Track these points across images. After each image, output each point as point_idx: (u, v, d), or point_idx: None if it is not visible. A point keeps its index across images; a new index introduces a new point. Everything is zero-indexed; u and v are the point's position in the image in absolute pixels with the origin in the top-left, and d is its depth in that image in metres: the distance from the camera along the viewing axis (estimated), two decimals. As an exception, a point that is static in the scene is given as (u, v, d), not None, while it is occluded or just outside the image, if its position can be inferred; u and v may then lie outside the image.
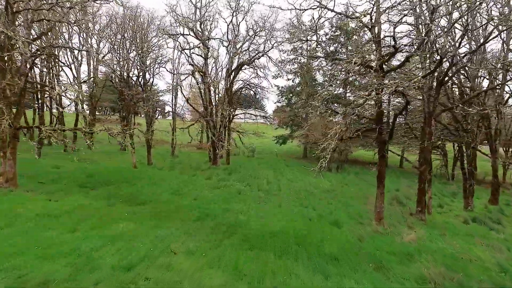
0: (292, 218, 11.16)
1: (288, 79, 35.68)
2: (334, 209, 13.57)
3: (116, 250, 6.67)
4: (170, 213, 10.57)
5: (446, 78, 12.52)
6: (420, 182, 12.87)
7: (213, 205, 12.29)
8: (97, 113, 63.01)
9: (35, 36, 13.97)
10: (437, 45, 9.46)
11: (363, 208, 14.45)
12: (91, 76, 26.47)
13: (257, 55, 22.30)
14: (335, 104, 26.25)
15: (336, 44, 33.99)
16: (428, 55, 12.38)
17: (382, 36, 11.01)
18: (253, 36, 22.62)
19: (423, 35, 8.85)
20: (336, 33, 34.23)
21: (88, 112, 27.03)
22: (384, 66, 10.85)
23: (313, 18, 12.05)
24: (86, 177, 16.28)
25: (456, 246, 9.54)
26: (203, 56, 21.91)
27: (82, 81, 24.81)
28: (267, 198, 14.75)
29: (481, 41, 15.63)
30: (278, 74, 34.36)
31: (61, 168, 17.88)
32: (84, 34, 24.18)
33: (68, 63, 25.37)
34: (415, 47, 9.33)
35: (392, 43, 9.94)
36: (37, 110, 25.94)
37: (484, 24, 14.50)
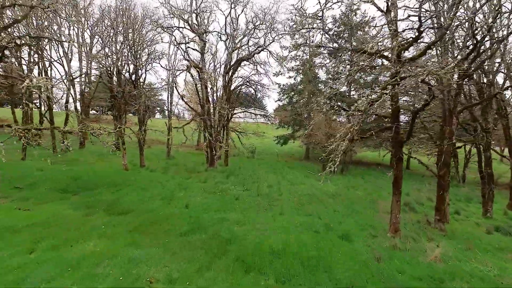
0: (296, 230, 9.74)
1: (290, 77, 34.31)
2: (342, 218, 12.16)
3: (74, 281, 5.27)
4: (155, 225, 9.17)
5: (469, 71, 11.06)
6: (440, 188, 11.42)
7: (206, 214, 10.89)
8: (94, 112, 61.57)
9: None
10: (477, 26, 8.02)
11: (374, 216, 13.02)
12: (83, 72, 25.08)
13: (257, 50, 20.87)
14: (339, 103, 24.81)
15: (340, 40, 32.58)
16: (449, 45, 10.98)
17: (399, 22, 9.60)
18: (252, 29, 21.21)
19: (451, 14, 7.43)
20: (340, 29, 32.86)
21: (79, 110, 25.62)
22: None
23: (319, 2, 10.62)
24: (70, 181, 14.96)
25: (489, 265, 8.10)
26: (199, 50, 20.51)
27: (72, 77, 23.42)
28: (267, 204, 13.34)
29: (500, 33, 14.29)
30: (279, 71, 33.01)
31: (45, 170, 16.52)
32: (73, 26, 22.81)
33: (59, 57, 23.95)
34: (441, 31, 7.94)
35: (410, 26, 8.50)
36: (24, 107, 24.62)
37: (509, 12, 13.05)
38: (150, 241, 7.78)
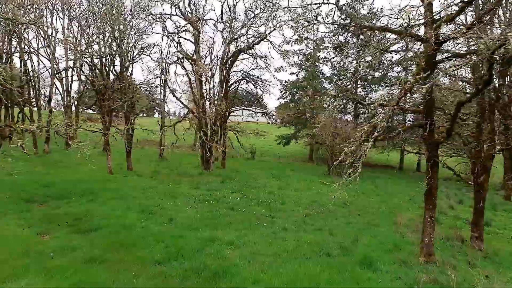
0: (303, 255, 7.71)
1: (292, 73, 32.31)
2: (358, 234, 10.08)
3: None
4: (124, 249, 7.17)
5: None
6: (478, 200, 9.36)
7: (192, 231, 8.86)
8: (90, 111, 59.46)
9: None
10: None
11: (395, 231, 10.94)
12: (69, 66, 23.13)
13: (256, 40, 18.81)
14: (354, 97, 22.74)
15: (346, 34, 30.57)
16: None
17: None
18: (252, 18, 19.16)
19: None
20: (346, 21, 30.83)
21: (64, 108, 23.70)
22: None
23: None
24: (41, 188, 13.06)
25: None
26: (193, 41, 18.51)
27: (57, 71, 21.49)
28: (268, 216, 11.33)
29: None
30: (281, 66, 31.04)
31: (15, 175, 14.52)
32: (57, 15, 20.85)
33: (44, 47, 22.01)
34: None
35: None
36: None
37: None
38: (109, 276, 5.75)
